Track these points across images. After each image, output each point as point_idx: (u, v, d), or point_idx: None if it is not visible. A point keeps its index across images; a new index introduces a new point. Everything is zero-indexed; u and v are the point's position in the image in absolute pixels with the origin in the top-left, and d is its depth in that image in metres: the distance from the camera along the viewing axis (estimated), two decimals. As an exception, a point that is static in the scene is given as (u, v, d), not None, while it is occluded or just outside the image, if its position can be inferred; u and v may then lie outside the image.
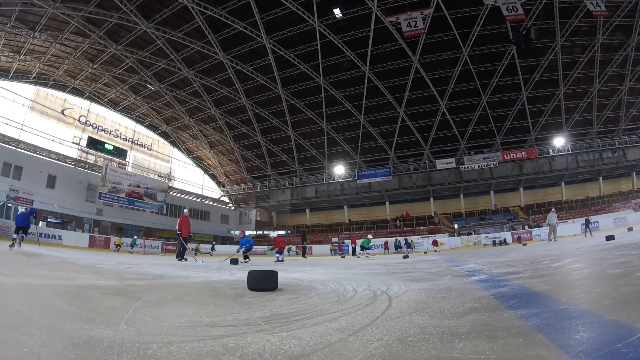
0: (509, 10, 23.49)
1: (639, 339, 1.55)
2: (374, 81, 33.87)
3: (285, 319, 2.64)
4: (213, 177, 52.93)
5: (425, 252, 30.43)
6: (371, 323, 2.39)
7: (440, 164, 40.92)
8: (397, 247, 33.55)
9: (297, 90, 36.20)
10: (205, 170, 52.04)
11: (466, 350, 1.66)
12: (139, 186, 38.97)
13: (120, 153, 39.86)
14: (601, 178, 41.03)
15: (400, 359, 1.62)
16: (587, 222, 24.62)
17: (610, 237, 11.14)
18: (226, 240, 45.86)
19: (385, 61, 32.28)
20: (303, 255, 28.27)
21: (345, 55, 31.58)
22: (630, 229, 18.21)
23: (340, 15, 28.01)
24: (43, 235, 23.81)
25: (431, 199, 45.72)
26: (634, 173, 40.10)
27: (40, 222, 29.72)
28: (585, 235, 22.57)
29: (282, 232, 49.98)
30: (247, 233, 47.92)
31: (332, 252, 36.89)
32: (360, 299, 3.57)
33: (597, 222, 30.52)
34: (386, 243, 36.22)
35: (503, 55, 31.50)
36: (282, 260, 17.14)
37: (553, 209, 22.64)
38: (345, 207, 48.97)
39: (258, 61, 32.96)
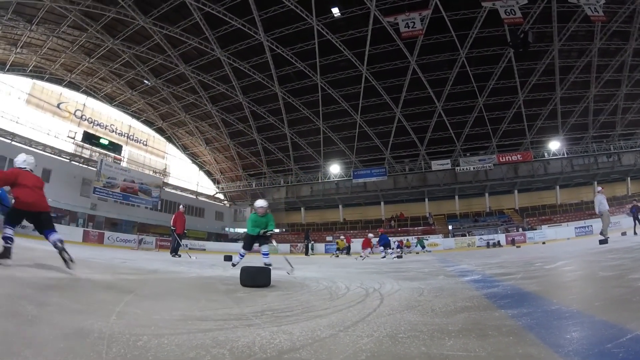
0: (507, 13, 23.57)
1: (630, 340, 1.56)
2: (371, 81, 33.88)
3: (277, 314, 2.65)
4: (208, 173, 52.74)
5: (417, 253, 30.38)
6: (362, 320, 2.40)
7: (436, 165, 41.01)
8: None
9: (294, 89, 36.13)
10: (201, 166, 51.84)
11: (456, 348, 1.67)
12: (133, 181, 38.79)
13: (115, 148, 39.58)
14: (596, 182, 41.04)
15: (389, 355, 1.62)
16: (637, 210, 16.73)
17: (603, 241, 11.19)
18: (220, 237, 45.75)
19: (383, 61, 32.28)
20: (306, 254, 28.24)
21: (343, 55, 31.57)
22: (623, 234, 18.26)
23: (339, 14, 27.99)
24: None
25: (426, 199, 45.76)
26: (629, 178, 40.32)
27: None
28: (636, 232, 16.01)
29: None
30: (242, 230, 48.16)
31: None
32: (352, 296, 3.58)
33: (591, 225, 30.64)
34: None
35: (500, 57, 31.57)
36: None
37: (599, 188, 15.11)
38: (340, 206, 48.91)
39: (255, 59, 32.86)
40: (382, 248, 20.04)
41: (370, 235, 23.40)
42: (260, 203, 8.82)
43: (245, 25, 28.88)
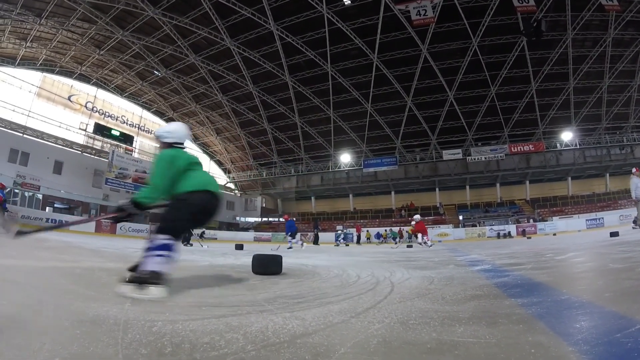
0: (520, 1, 23.26)
1: (639, 330, 1.56)
2: (382, 69, 33.67)
3: (289, 300, 2.68)
4: (219, 163, 52.98)
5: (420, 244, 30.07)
6: (373, 306, 2.42)
7: (447, 154, 40.79)
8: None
9: (305, 78, 36.06)
10: (212, 156, 52.06)
11: (466, 334, 1.68)
12: (145, 172, 39.04)
13: (126, 139, 39.89)
14: (608, 174, 40.60)
15: (401, 340, 1.64)
16: None
17: (614, 234, 11.11)
18: (231, 226, 46.06)
19: (394, 50, 32.02)
20: (315, 243, 28.23)
21: (354, 43, 31.39)
22: (634, 228, 18.06)
23: (349, 2, 27.74)
24: (50, 221, 23.91)
25: (437, 189, 45.55)
26: (641, 170, 39.71)
27: (47, 207, 30.16)
28: None
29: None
30: (252, 219, 48.54)
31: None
32: (363, 284, 3.60)
33: (602, 218, 30.36)
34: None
35: (513, 46, 31.16)
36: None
37: (635, 169, 13.53)
38: (350, 195, 48.91)
39: (265, 48, 32.79)
40: (290, 237, 17.82)
41: (417, 216, 21.57)
42: None
43: (255, 15, 28.79)
